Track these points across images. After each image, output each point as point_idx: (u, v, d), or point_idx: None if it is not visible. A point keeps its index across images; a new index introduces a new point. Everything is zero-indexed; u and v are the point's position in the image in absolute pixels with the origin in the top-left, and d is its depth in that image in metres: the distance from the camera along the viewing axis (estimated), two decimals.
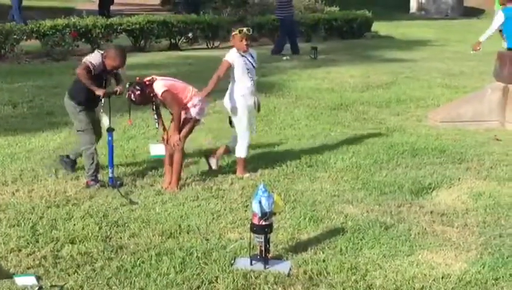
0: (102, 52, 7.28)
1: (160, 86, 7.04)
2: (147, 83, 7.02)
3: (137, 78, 7.09)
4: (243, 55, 7.58)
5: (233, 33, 7.58)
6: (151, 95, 7.01)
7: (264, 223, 5.23)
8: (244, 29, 7.48)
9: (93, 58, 7.20)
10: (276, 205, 5.34)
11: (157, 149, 7.55)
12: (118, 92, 7.40)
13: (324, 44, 21.52)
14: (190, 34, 20.41)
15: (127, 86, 7.01)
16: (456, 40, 25.00)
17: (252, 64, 7.63)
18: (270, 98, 12.48)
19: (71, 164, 7.78)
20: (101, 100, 7.20)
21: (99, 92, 7.11)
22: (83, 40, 18.54)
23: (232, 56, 7.61)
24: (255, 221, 5.24)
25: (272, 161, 8.28)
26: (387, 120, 10.89)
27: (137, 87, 6.93)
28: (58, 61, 17.11)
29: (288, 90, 13.50)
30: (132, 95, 6.94)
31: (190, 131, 7.41)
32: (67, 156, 7.82)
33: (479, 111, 10.67)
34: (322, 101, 12.47)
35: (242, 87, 7.67)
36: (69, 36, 17.92)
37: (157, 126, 7.34)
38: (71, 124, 8.29)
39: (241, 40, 7.51)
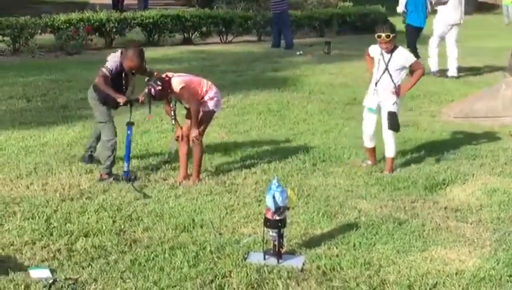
0: (122, 52, 7.27)
1: (177, 82, 7.03)
2: (166, 79, 7.02)
3: (155, 73, 7.08)
4: (381, 53, 7.64)
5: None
6: (169, 91, 7.01)
7: (277, 217, 5.23)
8: (383, 34, 7.46)
9: (112, 60, 7.19)
10: (290, 200, 5.34)
11: None
12: (140, 101, 7.41)
13: (337, 39, 21.49)
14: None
15: (146, 80, 6.99)
16: (469, 36, 24.85)
17: (385, 63, 7.59)
18: (283, 93, 12.48)
19: (88, 159, 7.84)
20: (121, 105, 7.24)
21: (121, 99, 7.13)
22: (97, 34, 18.59)
23: (372, 49, 7.83)
24: (269, 216, 5.24)
25: (285, 156, 8.27)
26: (401, 115, 10.82)
27: (159, 83, 6.90)
28: (72, 55, 17.17)
29: (301, 85, 13.49)
30: (152, 90, 6.89)
31: (208, 124, 7.44)
32: (83, 156, 7.88)
33: (493, 107, 10.63)
34: (336, 96, 12.46)
35: (371, 82, 7.83)
36: (83, 30, 17.98)
37: (173, 123, 7.33)
38: (85, 117, 8.34)
39: (380, 43, 7.58)
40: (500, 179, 7.54)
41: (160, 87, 6.89)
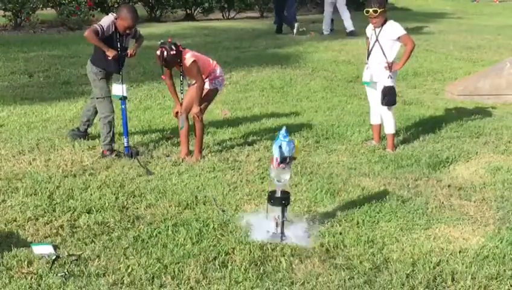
0: (116, 14, 7.25)
1: (190, 55, 6.99)
2: (180, 48, 6.96)
3: (169, 38, 7.01)
4: (373, 28, 7.77)
5: None
6: (179, 60, 6.95)
7: (283, 167, 5.14)
8: (370, 10, 7.62)
9: (104, 20, 7.18)
10: (296, 150, 5.28)
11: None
12: (129, 54, 7.38)
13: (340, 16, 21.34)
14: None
15: (159, 43, 6.92)
16: (473, 13, 24.77)
17: (376, 36, 7.69)
18: (286, 70, 12.43)
19: (82, 134, 7.83)
20: (121, 67, 7.20)
21: (110, 53, 7.09)
22: (99, 9, 18.51)
23: (367, 29, 7.99)
24: (274, 165, 5.16)
25: (288, 133, 8.21)
26: (404, 93, 10.81)
27: (173, 48, 6.83)
28: (73, 31, 17.11)
29: (304, 62, 13.44)
30: (165, 52, 6.80)
31: (210, 102, 7.40)
32: (78, 129, 7.88)
33: (497, 85, 10.58)
34: (339, 73, 12.42)
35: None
36: (85, 5, 17.89)
37: (182, 97, 7.27)
38: (87, 93, 8.31)
39: (369, 18, 7.73)
40: (503, 157, 7.52)
41: (174, 52, 6.83)
